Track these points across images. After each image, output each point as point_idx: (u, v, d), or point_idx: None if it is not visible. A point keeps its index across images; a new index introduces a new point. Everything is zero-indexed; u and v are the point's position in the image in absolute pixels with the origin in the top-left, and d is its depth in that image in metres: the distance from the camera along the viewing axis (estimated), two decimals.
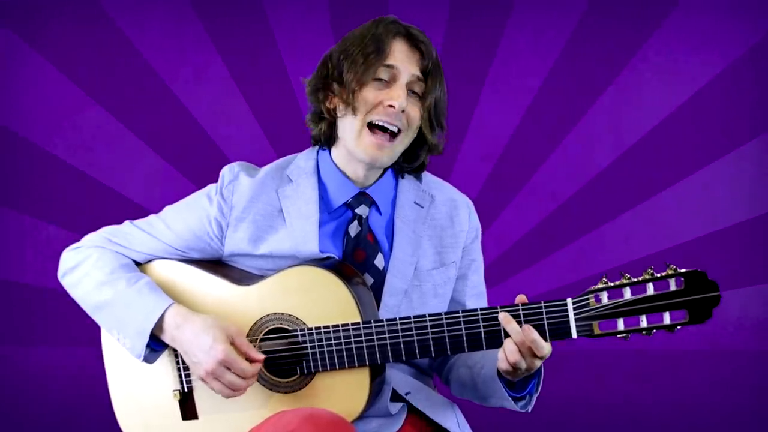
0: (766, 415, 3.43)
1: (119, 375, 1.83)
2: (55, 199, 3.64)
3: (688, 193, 3.53)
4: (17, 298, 3.61)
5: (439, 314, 1.68)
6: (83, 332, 2.26)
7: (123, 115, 3.62)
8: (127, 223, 1.85)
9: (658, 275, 1.62)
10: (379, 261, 1.82)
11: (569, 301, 1.64)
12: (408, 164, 1.86)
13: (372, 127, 1.75)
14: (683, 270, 1.61)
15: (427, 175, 1.94)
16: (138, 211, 2.73)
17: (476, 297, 1.94)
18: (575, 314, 1.63)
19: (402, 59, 1.75)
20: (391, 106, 1.73)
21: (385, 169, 1.87)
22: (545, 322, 1.64)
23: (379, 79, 1.75)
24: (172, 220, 1.82)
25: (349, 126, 1.77)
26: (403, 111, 1.74)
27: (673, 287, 1.61)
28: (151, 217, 1.85)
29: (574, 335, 1.64)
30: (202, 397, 1.78)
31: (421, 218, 1.86)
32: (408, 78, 1.76)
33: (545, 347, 1.62)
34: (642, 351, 3.49)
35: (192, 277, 1.79)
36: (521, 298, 1.67)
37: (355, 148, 1.77)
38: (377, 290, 1.80)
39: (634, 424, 3.46)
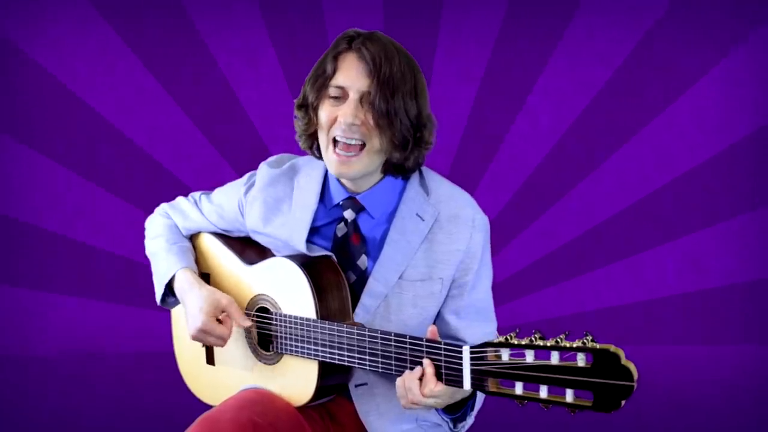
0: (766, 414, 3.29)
1: (178, 329, 2.19)
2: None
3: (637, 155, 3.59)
4: None
5: (388, 332, 1.68)
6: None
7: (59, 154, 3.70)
8: (182, 199, 2.14)
9: (566, 345, 1.39)
10: (362, 261, 1.84)
11: (466, 348, 1.51)
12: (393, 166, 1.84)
13: (336, 142, 1.79)
14: (597, 346, 1.37)
15: (441, 188, 1.88)
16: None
17: (475, 314, 1.86)
18: (471, 364, 1.50)
19: (351, 76, 1.76)
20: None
21: (383, 176, 1.86)
22: (443, 363, 1.54)
23: (336, 97, 1.78)
24: (217, 201, 2.07)
25: (321, 141, 1.84)
26: (360, 124, 1.75)
27: (581, 363, 1.38)
28: (203, 196, 2.11)
29: (467, 386, 1.51)
30: (217, 349, 2.06)
31: (420, 230, 1.82)
32: (357, 94, 1.75)
33: (429, 384, 1.54)
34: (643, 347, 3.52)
35: (218, 251, 2.06)
36: (432, 331, 1.59)
37: (327, 163, 1.84)
38: (359, 288, 1.84)
39: (634, 423, 3.21)
